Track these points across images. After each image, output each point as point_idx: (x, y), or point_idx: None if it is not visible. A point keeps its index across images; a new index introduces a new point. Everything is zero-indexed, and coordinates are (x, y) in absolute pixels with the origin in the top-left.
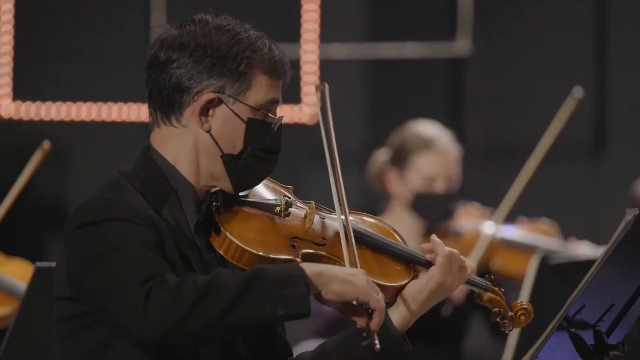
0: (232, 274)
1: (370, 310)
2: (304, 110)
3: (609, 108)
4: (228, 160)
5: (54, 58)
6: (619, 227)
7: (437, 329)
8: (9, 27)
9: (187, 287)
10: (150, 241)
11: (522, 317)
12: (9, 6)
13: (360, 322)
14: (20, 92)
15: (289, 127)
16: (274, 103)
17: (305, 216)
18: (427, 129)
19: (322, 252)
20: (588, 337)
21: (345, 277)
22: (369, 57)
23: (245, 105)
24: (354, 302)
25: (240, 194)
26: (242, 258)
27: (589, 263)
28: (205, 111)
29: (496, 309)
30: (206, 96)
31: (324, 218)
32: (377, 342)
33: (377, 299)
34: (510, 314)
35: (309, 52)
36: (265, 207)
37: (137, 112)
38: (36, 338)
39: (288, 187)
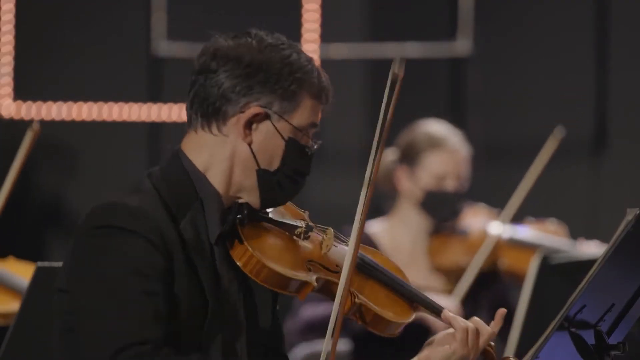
0: None
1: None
2: None
3: (610, 108)
4: (263, 175)
5: (55, 58)
6: (620, 227)
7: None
8: (9, 27)
9: None
10: (157, 268)
11: None
12: (9, 6)
13: None
14: (21, 92)
15: None
16: (313, 127)
17: (322, 242)
18: (438, 127)
19: (335, 280)
20: (589, 336)
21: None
22: (369, 57)
23: (289, 125)
24: None
25: (263, 211)
26: (260, 273)
27: (589, 263)
28: (249, 124)
29: None
30: (254, 109)
31: (337, 246)
32: None
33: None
34: None
35: (310, 51)
36: (286, 227)
37: (138, 112)
38: (37, 338)
39: (305, 211)
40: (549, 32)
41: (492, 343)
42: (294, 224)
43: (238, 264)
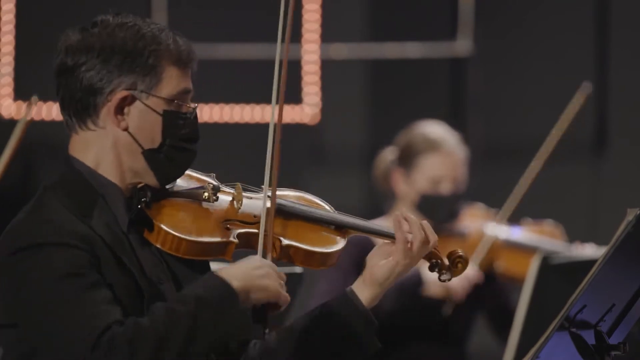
0: (171, 313)
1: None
2: (305, 111)
3: (610, 108)
4: (149, 155)
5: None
6: (620, 227)
7: (439, 329)
8: (10, 27)
9: (138, 342)
10: (84, 268)
11: (460, 265)
12: (10, 6)
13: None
14: (22, 92)
15: (290, 128)
16: (186, 93)
17: (234, 198)
18: (434, 130)
19: (255, 231)
20: (589, 337)
21: (261, 285)
22: (370, 57)
23: (159, 98)
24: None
25: (166, 186)
26: (179, 247)
27: (590, 263)
28: (120, 110)
29: (433, 261)
30: (119, 94)
31: (251, 199)
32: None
33: (285, 296)
34: (447, 263)
35: (310, 52)
36: (192, 195)
37: None
38: None
39: (210, 174)
40: (549, 32)
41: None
42: (200, 189)
43: (156, 245)
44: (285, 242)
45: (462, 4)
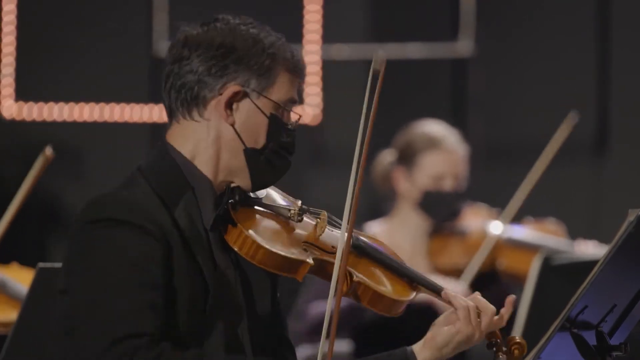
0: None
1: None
2: (306, 111)
3: (611, 109)
4: (251, 154)
5: (57, 59)
6: (622, 228)
7: None
8: (11, 28)
9: None
10: (153, 258)
11: (516, 352)
12: (11, 7)
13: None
14: (23, 93)
15: None
16: (293, 102)
17: (317, 225)
18: (434, 128)
19: (331, 260)
20: (590, 337)
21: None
22: (371, 58)
23: (269, 100)
24: None
25: (255, 195)
26: (256, 254)
27: (591, 264)
28: (229, 105)
29: (492, 340)
30: (232, 89)
31: (332, 231)
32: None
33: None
34: (504, 348)
35: (312, 52)
36: (279, 210)
37: (140, 113)
38: (39, 339)
39: (297, 200)
40: (551, 33)
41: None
42: (287, 206)
43: (234, 247)
44: (357, 277)
45: (463, 5)
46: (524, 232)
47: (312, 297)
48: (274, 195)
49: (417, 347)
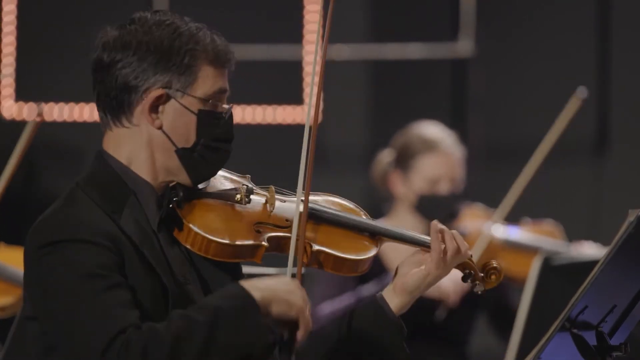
0: (188, 320)
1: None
2: (306, 111)
3: (612, 109)
4: (183, 154)
5: (57, 59)
6: (622, 228)
7: (441, 329)
8: (11, 28)
9: (152, 348)
10: (109, 269)
11: (493, 277)
12: (11, 7)
13: (285, 332)
14: (23, 93)
15: (291, 128)
16: (222, 92)
17: (267, 201)
18: (431, 130)
19: (287, 235)
20: (590, 338)
21: (284, 298)
22: (371, 58)
23: (194, 98)
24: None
25: (199, 186)
26: (208, 249)
27: (591, 264)
28: (155, 108)
29: (466, 271)
30: (154, 93)
31: (284, 202)
32: (293, 357)
33: (308, 319)
34: (481, 274)
35: (312, 53)
36: (225, 196)
37: None
38: None
39: (245, 176)
40: (551, 33)
41: (471, 253)
42: (233, 191)
43: (186, 245)
44: (316, 247)
45: (463, 5)
46: (521, 234)
47: (318, 299)
48: (220, 180)
49: (387, 294)
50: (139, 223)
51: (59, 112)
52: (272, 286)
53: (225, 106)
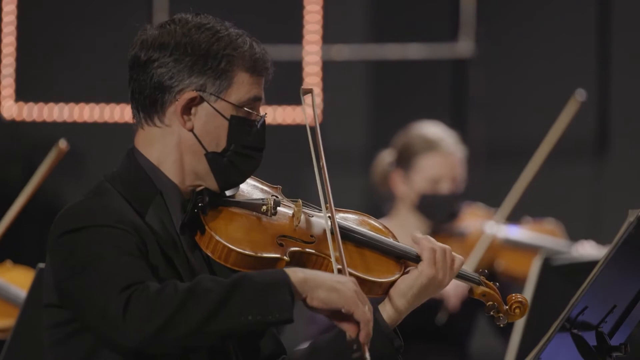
0: (214, 281)
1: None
2: (306, 111)
3: (612, 109)
4: (212, 158)
5: (57, 59)
6: (622, 229)
7: (442, 329)
8: (11, 29)
9: (167, 294)
10: (132, 247)
11: (517, 310)
12: (11, 7)
13: (350, 332)
14: (23, 93)
15: (291, 129)
16: (256, 100)
17: (293, 215)
18: (432, 130)
19: (310, 250)
20: (590, 338)
21: (332, 285)
22: (371, 59)
23: (227, 103)
24: (343, 311)
25: (227, 193)
26: (228, 258)
27: (591, 264)
28: (187, 110)
29: (490, 303)
30: (188, 94)
31: (312, 216)
32: (367, 355)
33: (363, 311)
34: (505, 307)
35: (312, 53)
36: (251, 206)
37: None
38: (39, 339)
39: (276, 187)
40: (551, 33)
41: (497, 283)
42: (259, 202)
43: (206, 252)
44: (338, 266)
45: (463, 6)
46: (522, 233)
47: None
48: (249, 188)
49: (381, 303)
50: (163, 224)
51: (59, 112)
52: (320, 274)
53: (259, 114)
